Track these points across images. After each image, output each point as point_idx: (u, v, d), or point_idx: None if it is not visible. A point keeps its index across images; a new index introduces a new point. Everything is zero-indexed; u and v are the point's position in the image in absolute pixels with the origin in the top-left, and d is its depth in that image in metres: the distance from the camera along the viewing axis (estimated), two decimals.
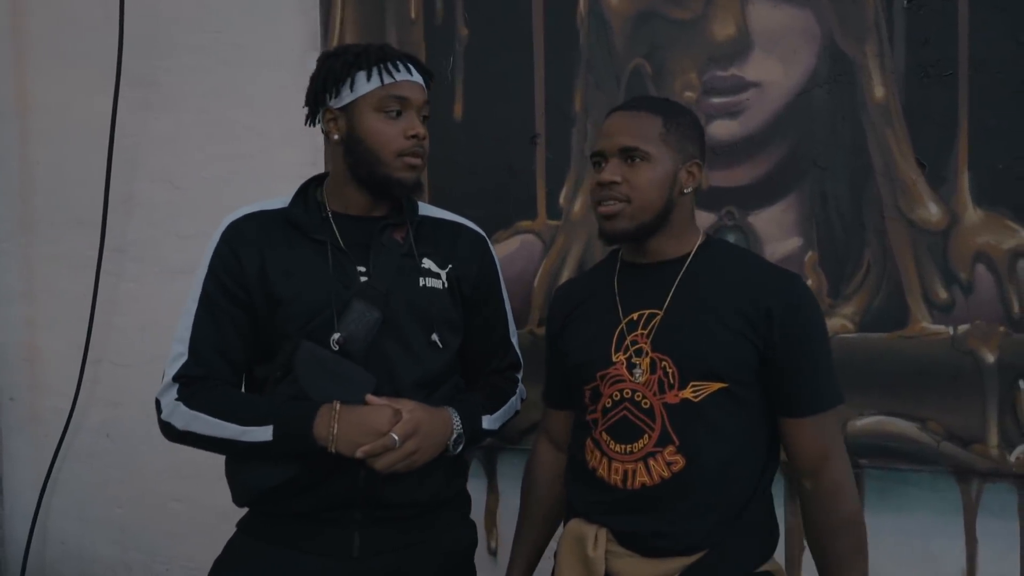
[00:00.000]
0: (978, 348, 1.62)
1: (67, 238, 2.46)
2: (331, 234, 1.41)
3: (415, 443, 1.30)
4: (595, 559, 1.25)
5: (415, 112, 1.39)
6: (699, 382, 1.24)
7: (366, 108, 1.37)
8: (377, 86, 1.36)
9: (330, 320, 1.35)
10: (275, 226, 1.42)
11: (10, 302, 2.55)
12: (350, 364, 1.34)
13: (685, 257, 1.33)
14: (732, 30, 1.76)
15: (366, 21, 2.05)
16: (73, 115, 2.41)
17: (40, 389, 2.55)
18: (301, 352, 1.34)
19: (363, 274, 1.39)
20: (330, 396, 1.32)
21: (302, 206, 1.44)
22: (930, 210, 1.65)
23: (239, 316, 1.39)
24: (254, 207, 1.45)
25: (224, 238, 1.41)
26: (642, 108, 1.30)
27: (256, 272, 1.38)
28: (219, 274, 1.39)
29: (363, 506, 1.37)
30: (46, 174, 2.49)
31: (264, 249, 1.39)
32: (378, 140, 1.37)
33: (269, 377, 1.38)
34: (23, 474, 2.58)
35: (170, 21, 2.27)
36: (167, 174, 2.31)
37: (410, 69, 1.40)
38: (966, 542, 1.66)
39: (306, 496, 1.36)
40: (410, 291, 1.41)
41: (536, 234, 1.93)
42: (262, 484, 1.34)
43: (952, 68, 1.62)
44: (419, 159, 1.40)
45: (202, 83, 2.25)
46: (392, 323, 1.38)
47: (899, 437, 1.67)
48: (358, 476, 1.33)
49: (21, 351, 2.56)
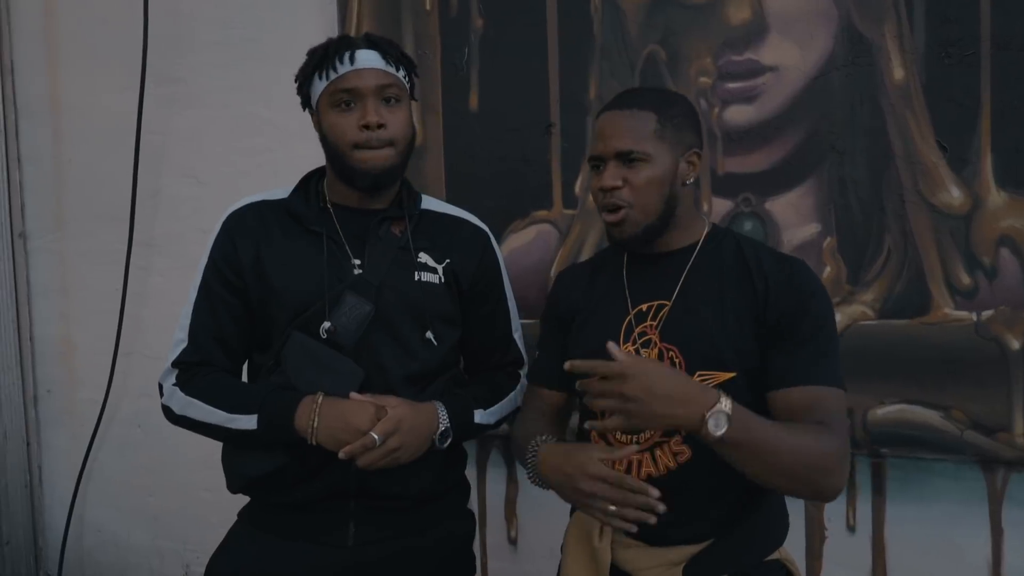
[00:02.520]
0: (1002, 334, 1.58)
1: (98, 234, 2.51)
2: (329, 225, 1.42)
3: (397, 440, 1.29)
4: (601, 549, 1.25)
5: (371, 99, 1.36)
6: (706, 371, 1.23)
7: (324, 106, 1.39)
8: (326, 83, 1.37)
9: (322, 311, 1.35)
10: (275, 216, 1.43)
11: (45, 297, 2.61)
12: (339, 356, 1.34)
13: (692, 247, 1.32)
14: (747, 13, 1.74)
15: (382, 15, 2.05)
16: (102, 113, 2.46)
17: (75, 382, 2.61)
18: (290, 342, 1.35)
19: (358, 267, 1.39)
20: (317, 387, 1.32)
21: (303, 197, 1.45)
22: (952, 194, 1.61)
23: (236, 305, 1.41)
24: (257, 197, 1.46)
25: (225, 228, 1.43)
26: (633, 105, 1.27)
27: (252, 261, 1.39)
28: (218, 263, 1.41)
29: (356, 497, 1.38)
30: (78, 172, 2.54)
31: (261, 239, 1.41)
32: (334, 135, 1.37)
33: (264, 365, 1.40)
34: (60, 465, 2.66)
35: (192, 19, 2.31)
36: (191, 169, 2.35)
37: (353, 58, 1.36)
38: (991, 532, 1.63)
39: (300, 486, 1.37)
40: (404, 285, 1.40)
41: (552, 224, 1.92)
42: (252, 472, 1.36)
43: (974, 47, 1.58)
44: (379, 148, 1.36)
45: (224, 79, 2.28)
46: (383, 317, 1.37)
47: (922, 426, 1.64)
48: (349, 468, 1.32)
49: (57, 345, 2.63)
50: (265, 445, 1.34)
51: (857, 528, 1.72)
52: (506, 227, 1.95)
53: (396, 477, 1.36)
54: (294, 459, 1.34)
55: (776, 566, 1.27)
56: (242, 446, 1.36)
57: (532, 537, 2.02)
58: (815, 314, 1.22)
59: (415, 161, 2.03)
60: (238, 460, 1.38)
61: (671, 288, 1.29)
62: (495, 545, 2.05)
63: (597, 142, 1.28)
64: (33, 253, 2.62)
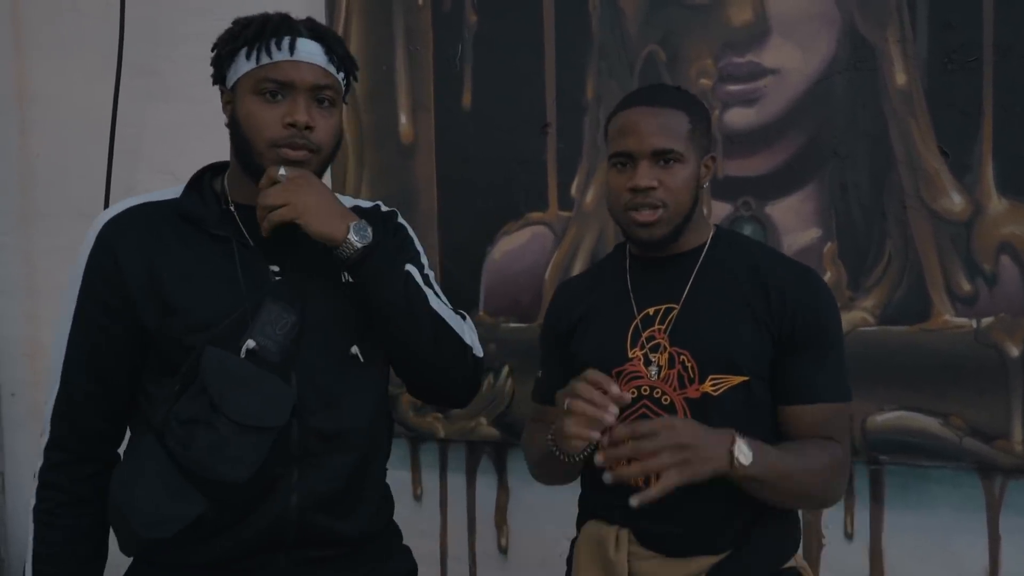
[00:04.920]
0: (1002, 342, 1.58)
1: (68, 231, 2.40)
2: (235, 229, 1.21)
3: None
4: (618, 562, 1.21)
5: (303, 96, 1.17)
6: (719, 375, 1.21)
7: (244, 90, 1.18)
8: (254, 66, 1.17)
9: (239, 325, 1.15)
10: (165, 221, 1.21)
11: (10, 296, 2.51)
12: (267, 375, 1.14)
13: (699, 250, 1.29)
14: (749, 15, 1.72)
15: (372, 7, 2.00)
16: (73, 105, 2.36)
17: (41, 384, 2.49)
18: (207, 360, 1.11)
19: (276, 273, 1.20)
20: (248, 412, 1.11)
21: (197, 197, 1.24)
22: (953, 200, 1.61)
23: (120, 336, 1.18)
24: (137, 199, 1.25)
25: (102, 239, 1.19)
26: (666, 104, 1.24)
27: (143, 277, 1.17)
28: (95, 286, 1.18)
29: (292, 547, 1.18)
30: (46, 166, 2.44)
31: (153, 248, 1.18)
32: (251, 125, 1.17)
33: (162, 395, 1.16)
34: (26, 470, 2.54)
35: (171, 8, 2.23)
36: (168, 165, 2.26)
37: (293, 46, 1.17)
38: (989, 540, 1.62)
39: (218, 539, 1.14)
40: (332, 292, 1.22)
41: (547, 225, 1.89)
42: (162, 531, 1.10)
43: (977, 53, 1.57)
44: (301, 151, 1.17)
45: (204, 72, 2.18)
46: (312, 328, 1.19)
47: (921, 432, 1.63)
48: (288, 505, 1.15)
49: (22, 346, 2.52)
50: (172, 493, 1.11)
51: (855, 535, 1.71)
52: (499, 229, 1.91)
53: (333, 517, 1.19)
54: (215, 505, 1.12)
55: (792, 573, 1.26)
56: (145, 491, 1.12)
57: (523, 545, 1.98)
58: (833, 331, 1.24)
59: (404, 161, 1.99)
60: (139, 513, 1.11)
61: (680, 291, 1.27)
62: (485, 554, 2.00)
63: (626, 138, 1.23)
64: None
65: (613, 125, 1.27)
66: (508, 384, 1.92)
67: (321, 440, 1.18)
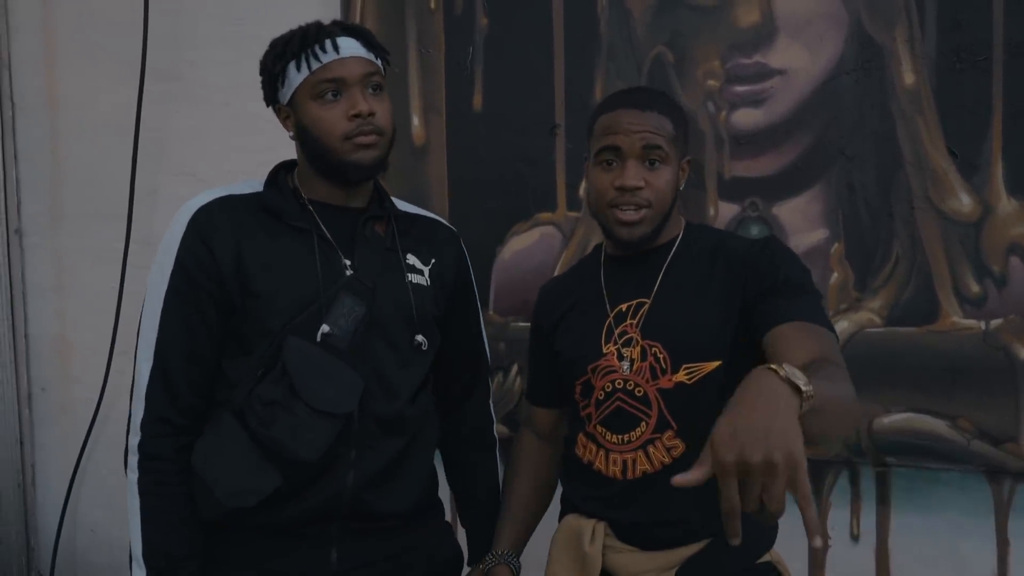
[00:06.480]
0: (1011, 344, 1.56)
1: (95, 231, 2.49)
2: (314, 223, 1.32)
3: None
4: (591, 554, 1.24)
5: (358, 88, 1.28)
6: (693, 364, 1.23)
7: (304, 98, 1.29)
8: (307, 74, 1.27)
9: (317, 315, 1.26)
10: (248, 212, 1.31)
11: (41, 295, 2.58)
12: (338, 363, 1.25)
13: (669, 245, 1.33)
14: (756, 16, 1.72)
15: (386, 11, 2.03)
16: (100, 109, 2.43)
17: (69, 380, 2.58)
18: (289, 348, 1.23)
19: (349, 267, 1.31)
20: (323, 398, 1.22)
21: (276, 192, 1.35)
22: (962, 200, 1.59)
23: (212, 318, 1.27)
24: (219, 191, 1.34)
25: (193, 226, 1.28)
26: (652, 107, 1.27)
27: (233, 263, 1.26)
28: (190, 270, 1.26)
29: (344, 518, 1.29)
30: (75, 169, 2.51)
31: (241, 236, 1.28)
32: (321, 128, 1.27)
33: (245, 376, 1.25)
34: (54, 464, 2.63)
35: (193, 14, 2.28)
36: (190, 167, 2.32)
37: (336, 46, 1.27)
38: (997, 543, 1.61)
39: (283, 509, 1.25)
40: (397, 287, 1.34)
41: (556, 226, 1.90)
42: (243, 500, 1.22)
43: (986, 53, 1.56)
44: (371, 136, 1.28)
45: (224, 76, 2.25)
46: (379, 321, 1.30)
47: (928, 435, 1.62)
48: (345, 483, 1.26)
49: (52, 343, 2.60)
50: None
51: (861, 537, 1.71)
52: (509, 229, 1.93)
53: (387, 494, 1.31)
54: (288, 478, 1.24)
55: (767, 568, 1.27)
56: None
57: (532, 543, 1.99)
58: (795, 277, 1.21)
59: (416, 162, 2.02)
60: (225, 483, 1.22)
61: (650, 286, 1.30)
62: None
63: (615, 136, 1.25)
64: (29, 250, 2.59)
65: (599, 124, 1.29)
66: (516, 383, 1.94)
67: (379, 425, 1.30)
